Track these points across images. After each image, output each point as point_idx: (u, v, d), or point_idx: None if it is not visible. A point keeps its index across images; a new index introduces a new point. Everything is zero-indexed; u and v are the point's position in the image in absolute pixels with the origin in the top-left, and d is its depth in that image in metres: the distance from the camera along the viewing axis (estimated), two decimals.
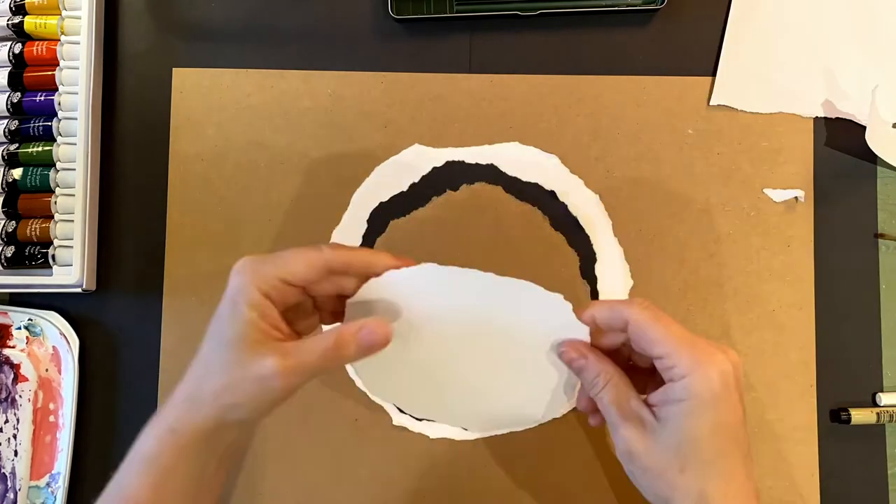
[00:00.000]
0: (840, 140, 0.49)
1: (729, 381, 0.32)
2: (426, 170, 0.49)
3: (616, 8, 0.48)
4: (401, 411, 0.47)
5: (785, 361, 0.48)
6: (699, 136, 0.49)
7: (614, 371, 0.35)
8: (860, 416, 0.47)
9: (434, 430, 0.47)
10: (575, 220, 0.48)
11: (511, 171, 0.49)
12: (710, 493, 0.32)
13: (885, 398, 0.48)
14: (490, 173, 0.49)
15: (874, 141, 0.47)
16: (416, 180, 0.49)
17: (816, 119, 0.49)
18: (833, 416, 0.48)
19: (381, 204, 0.49)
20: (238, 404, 0.33)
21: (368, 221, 0.48)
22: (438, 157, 0.49)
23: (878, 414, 0.47)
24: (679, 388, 0.33)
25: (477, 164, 0.49)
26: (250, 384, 0.32)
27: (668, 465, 0.33)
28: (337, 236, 0.48)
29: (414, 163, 0.49)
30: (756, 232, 0.48)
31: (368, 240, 0.48)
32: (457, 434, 0.47)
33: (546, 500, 0.47)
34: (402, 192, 0.49)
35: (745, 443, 0.33)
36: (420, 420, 0.47)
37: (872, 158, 0.49)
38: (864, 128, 0.47)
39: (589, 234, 0.48)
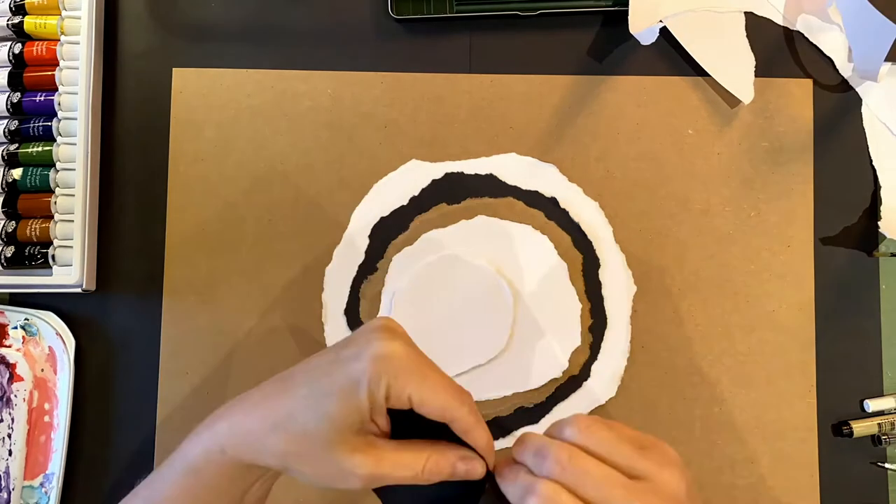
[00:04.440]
0: (841, 140, 0.49)
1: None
2: (425, 182, 0.49)
3: (616, 8, 0.49)
4: None
5: (785, 361, 0.48)
6: (699, 136, 0.49)
7: None
8: (861, 428, 0.47)
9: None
10: (578, 226, 0.48)
11: (511, 180, 0.49)
12: None
13: (873, 405, 0.48)
14: (490, 184, 0.49)
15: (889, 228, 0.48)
16: (416, 193, 0.49)
17: (815, 117, 0.49)
18: (835, 431, 0.48)
19: (381, 219, 0.49)
20: (307, 473, 0.31)
21: (369, 237, 0.48)
22: (437, 170, 0.49)
23: (879, 424, 0.47)
24: None
25: (476, 175, 0.49)
26: (330, 468, 0.30)
27: None
28: (339, 253, 0.48)
29: (413, 176, 0.49)
30: (756, 232, 0.49)
31: (370, 255, 0.48)
32: None
33: None
34: (402, 206, 0.49)
35: None
36: None
37: (871, 161, 0.49)
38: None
39: (591, 240, 0.48)
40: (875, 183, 0.49)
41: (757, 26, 0.49)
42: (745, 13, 0.49)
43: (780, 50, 0.50)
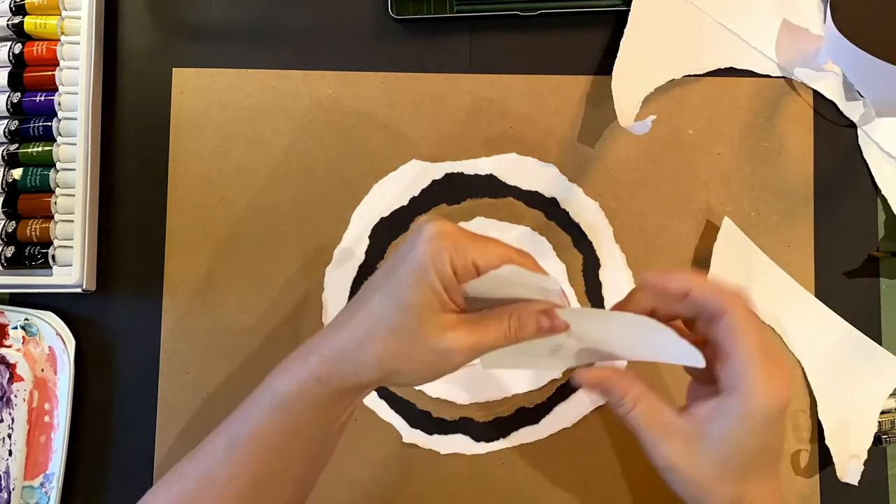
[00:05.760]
0: (841, 139, 0.49)
1: (785, 408, 0.32)
2: (425, 183, 0.49)
3: (616, 8, 0.49)
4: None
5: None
6: (699, 136, 0.49)
7: (641, 389, 0.34)
8: None
9: (444, 447, 0.47)
10: (578, 226, 0.48)
11: (511, 181, 0.49)
12: (745, 498, 0.33)
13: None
14: (490, 184, 0.49)
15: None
16: (416, 194, 0.49)
17: (816, 116, 0.49)
18: None
19: (381, 219, 0.49)
20: (405, 372, 0.32)
21: (370, 237, 0.48)
22: (437, 170, 0.49)
23: (879, 423, 0.47)
24: (738, 404, 0.32)
25: (476, 176, 0.49)
26: (429, 355, 0.32)
27: (708, 475, 0.33)
28: (339, 253, 0.48)
29: (413, 177, 0.49)
30: (756, 232, 0.48)
31: (370, 256, 0.48)
32: (466, 448, 0.47)
33: None
34: (402, 207, 0.49)
35: (781, 450, 0.37)
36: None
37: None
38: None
39: (592, 240, 0.48)
40: (876, 184, 0.49)
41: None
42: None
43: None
